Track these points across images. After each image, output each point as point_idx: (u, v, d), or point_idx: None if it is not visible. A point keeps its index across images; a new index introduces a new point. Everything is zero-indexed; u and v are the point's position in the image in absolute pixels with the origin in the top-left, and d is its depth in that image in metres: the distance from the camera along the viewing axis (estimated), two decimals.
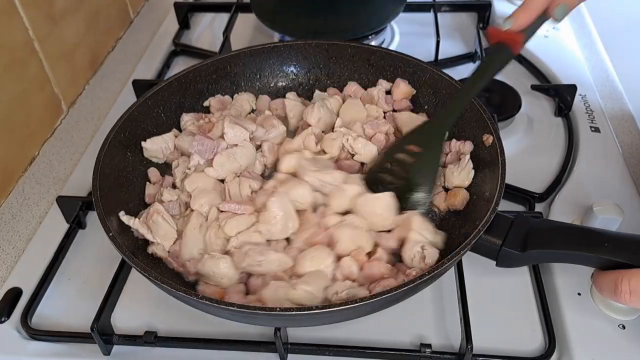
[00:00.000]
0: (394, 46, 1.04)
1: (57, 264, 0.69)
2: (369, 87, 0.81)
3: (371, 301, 0.50)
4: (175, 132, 0.76)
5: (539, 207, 0.73)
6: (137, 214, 0.66)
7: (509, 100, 0.85)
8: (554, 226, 0.60)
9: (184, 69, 0.78)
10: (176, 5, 1.10)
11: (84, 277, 0.69)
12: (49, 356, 0.61)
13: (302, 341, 0.60)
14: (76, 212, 0.73)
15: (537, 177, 0.77)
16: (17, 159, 0.83)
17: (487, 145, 0.66)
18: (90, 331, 0.58)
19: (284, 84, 0.85)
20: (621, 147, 0.81)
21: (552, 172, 0.78)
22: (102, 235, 0.57)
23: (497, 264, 0.59)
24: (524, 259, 0.57)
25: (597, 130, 0.83)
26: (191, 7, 1.13)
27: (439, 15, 1.01)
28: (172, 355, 0.61)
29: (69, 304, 0.66)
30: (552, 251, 0.57)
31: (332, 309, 0.50)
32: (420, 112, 0.78)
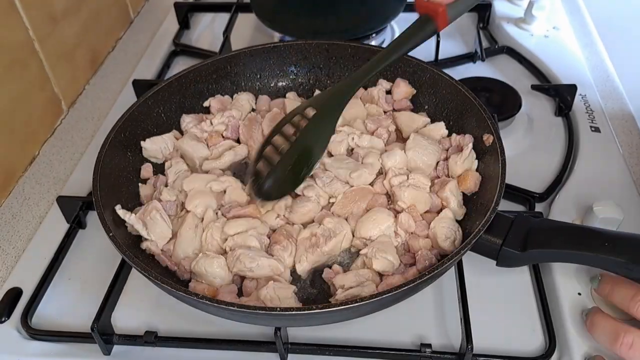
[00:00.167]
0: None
1: (57, 264, 0.69)
2: (369, 87, 0.81)
3: (371, 301, 0.50)
4: (175, 133, 0.76)
5: (539, 207, 0.73)
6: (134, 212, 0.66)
7: (509, 100, 0.85)
8: (554, 226, 0.60)
9: (184, 69, 0.78)
10: (176, 5, 1.10)
11: (84, 277, 0.69)
12: (49, 356, 0.61)
13: (302, 341, 0.60)
14: (76, 212, 0.73)
15: (537, 177, 0.77)
16: (17, 159, 0.83)
17: (488, 145, 0.66)
18: (90, 331, 0.58)
19: (284, 84, 0.85)
20: (621, 147, 0.81)
21: (553, 171, 0.78)
22: (102, 235, 0.57)
23: (497, 263, 0.59)
24: (524, 258, 0.58)
25: (597, 130, 0.83)
26: (191, 7, 1.13)
27: None
28: (173, 355, 0.61)
29: (69, 304, 0.66)
30: (552, 251, 0.57)
31: (332, 309, 0.50)
32: (420, 111, 0.78)
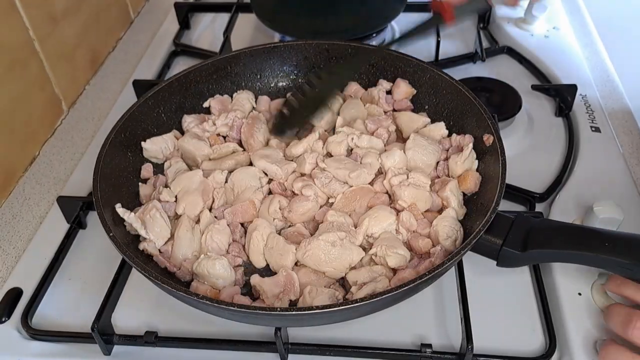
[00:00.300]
0: (394, 46, 1.03)
1: (58, 264, 0.69)
2: (369, 87, 0.81)
3: (371, 301, 0.50)
4: (175, 133, 0.76)
5: (539, 207, 0.73)
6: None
7: (510, 100, 0.85)
8: (554, 226, 0.60)
9: (184, 69, 0.78)
10: (176, 5, 1.10)
11: (84, 277, 0.69)
12: (49, 356, 0.61)
13: (302, 341, 0.60)
14: (76, 212, 0.73)
15: (537, 177, 0.77)
16: (17, 159, 0.83)
17: (488, 145, 0.66)
18: (90, 331, 0.58)
19: (285, 84, 0.85)
20: (621, 147, 0.81)
21: (553, 172, 0.78)
22: (103, 235, 0.57)
23: (497, 263, 0.59)
24: (525, 258, 0.57)
25: (597, 130, 0.83)
26: (191, 7, 1.13)
27: None
28: (173, 355, 0.61)
29: (69, 304, 0.66)
30: (553, 251, 0.57)
31: (332, 309, 0.50)
32: (420, 111, 0.78)
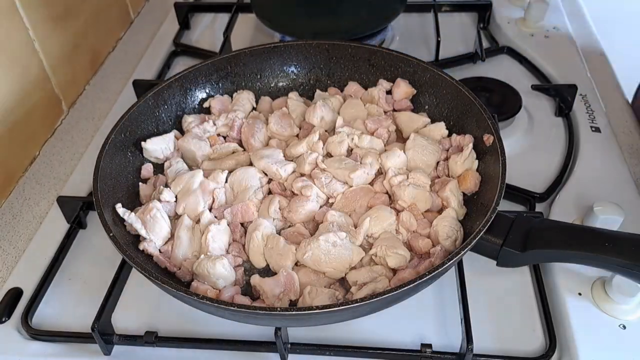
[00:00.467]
0: (394, 46, 1.04)
1: (58, 264, 0.69)
2: (369, 87, 0.81)
3: (371, 301, 0.50)
4: (175, 133, 0.76)
5: (539, 207, 0.73)
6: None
7: (510, 100, 0.85)
8: (554, 226, 0.60)
9: (184, 69, 0.78)
10: (176, 5, 1.10)
11: (84, 277, 0.69)
12: (49, 356, 0.61)
13: (302, 341, 0.60)
14: (76, 212, 0.73)
15: (537, 177, 0.77)
16: (17, 159, 0.83)
17: (488, 145, 0.66)
18: (90, 331, 0.58)
19: (285, 84, 0.85)
20: (621, 147, 0.81)
21: (553, 172, 0.78)
22: (103, 235, 0.57)
23: (497, 263, 0.59)
24: (525, 258, 0.58)
25: (597, 130, 0.83)
26: (191, 8, 1.13)
27: (440, 15, 1.02)
28: (173, 355, 0.61)
29: (69, 304, 0.66)
30: (553, 251, 0.57)
31: (332, 309, 0.50)
32: (420, 111, 0.78)
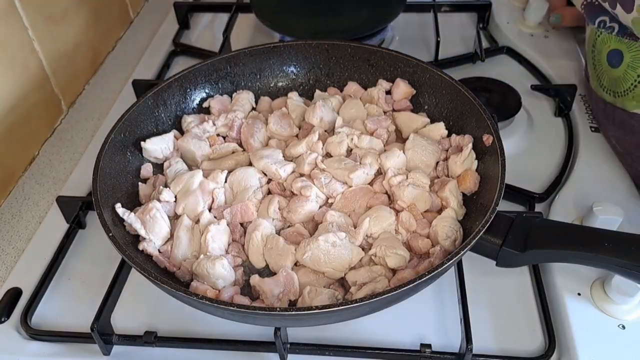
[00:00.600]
0: (394, 46, 1.04)
1: (57, 264, 0.69)
2: (369, 87, 0.81)
3: (371, 301, 0.50)
4: (175, 133, 0.76)
5: (539, 207, 0.73)
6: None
7: (509, 100, 0.85)
8: (554, 226, 0.60)
9: (183, 69, 0.78)
10: (176, 5, 1.10)
11: (83, 277, 0.69)
12: (48, 356, 0.61)
13: (302, 341, 0.60)
14: (76, 212, 0.73)
15: (537, 177, 0.77)
16: (17, 159, 0.83)
17: (487, 145, 0.66)
18: (90, 331, 0.58)
19: (284, 84, 0.85)
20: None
21: (552, 172, 0.78)
22: (102, 235, 0.57)
23: (497, 263, 0.59)
24: (524, 258, 0.57)
25: (597, 130, 0.83)
26: (191, 7, 1.13)
27: (439, 15, 1.02)
28: (172, 355, 0.61)
29: (68, 304, 0.66)
30: (552, 251, 0.57)
31: (332, 309, 0.50)
32: (420, 112, 0.78)
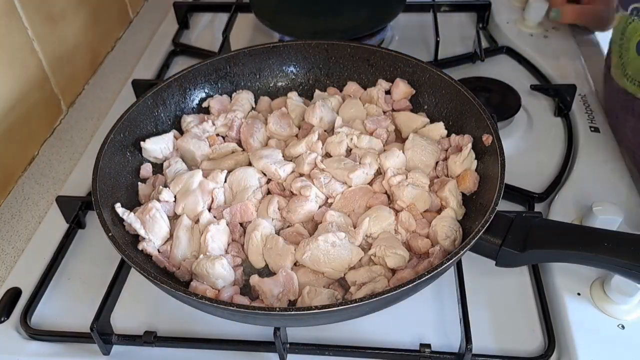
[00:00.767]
0: (393, 46, 1.04)
1: (57, 263, 0.69)
2: (368, 87, 0.81)
3: (370, 301, 0.50)
4: (174, 133, 0.76)
5: (538, 207, 0.73)
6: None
7: (509, 100, 0.85)
8: (553, 226, 0.60)
9: (183, 69, 0.78)
10: (175, 5, 1.10)
11: (83, 277, 0.69)
12: (48, 356, 0.61)
13: (301, 341, 0.60)
14: (76, 212, 0.73)
15: (536, 177, 0.77)
16: (16, 159, 0.83)
17: (487, 145, 0.66)
18: (89, 331, 0.58)
19: (284, 84, 0.85)
20: (620, 147, 0.81)
21: (552, 172, 0.78)
22: (102, 235, 0.57)
23: (496, 263, 0.59)
24: (524, 258, 0.57)
25: (596, 130, 0.83)
26: (191, 7, 1.13)
27: (439, 15, 1.02)
28: (172, 355, 0.61)
29: (68, 304, 0.66)
30: (552, 251, 0.57)
31: (331, 309, 0.50)
32: (419, 111, 0.78)
